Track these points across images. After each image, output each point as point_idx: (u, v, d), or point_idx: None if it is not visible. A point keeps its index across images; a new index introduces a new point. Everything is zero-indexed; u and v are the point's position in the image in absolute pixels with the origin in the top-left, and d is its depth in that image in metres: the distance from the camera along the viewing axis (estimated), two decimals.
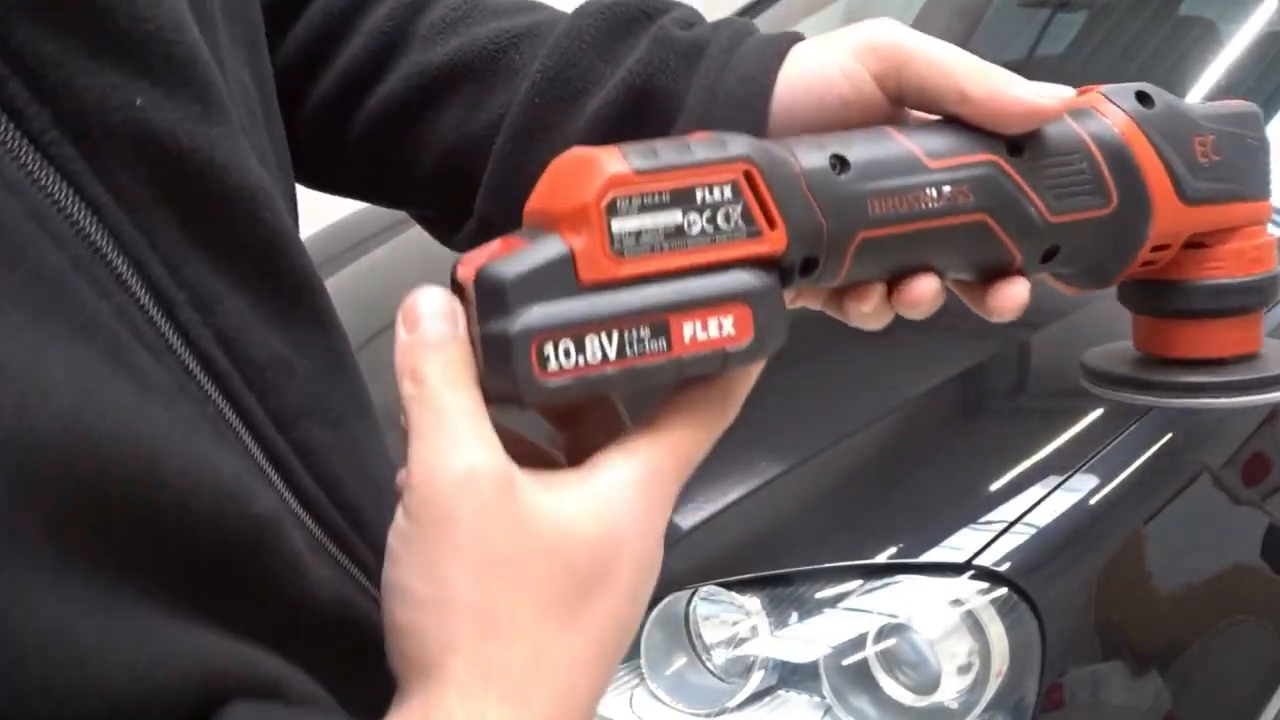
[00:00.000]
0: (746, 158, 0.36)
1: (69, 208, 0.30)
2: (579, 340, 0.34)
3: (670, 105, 0.46)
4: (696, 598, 1.11)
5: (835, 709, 1.03)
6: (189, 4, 0.34)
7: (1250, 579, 1.26)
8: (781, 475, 1.18)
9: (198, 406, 0.33)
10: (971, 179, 0.39)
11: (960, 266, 0.42)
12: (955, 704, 1.01)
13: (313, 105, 0.53)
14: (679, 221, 0.35)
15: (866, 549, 1.08)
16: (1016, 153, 0.40)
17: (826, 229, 0.37)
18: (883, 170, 0.38)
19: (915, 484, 1.15)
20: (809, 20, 2.57)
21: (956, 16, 2.53)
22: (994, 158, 0.40)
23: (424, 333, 0.34)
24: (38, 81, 0.29)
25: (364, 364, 0.41)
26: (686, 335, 0.35)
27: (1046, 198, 0.40)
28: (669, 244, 0.35)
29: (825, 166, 0.38)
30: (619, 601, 0.36)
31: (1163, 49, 2.01)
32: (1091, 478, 1.12)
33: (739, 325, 0.36)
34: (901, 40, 0.42)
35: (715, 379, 0.38)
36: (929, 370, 1.30)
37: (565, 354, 0.34)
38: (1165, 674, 1.13)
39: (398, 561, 0.34)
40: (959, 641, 1.02)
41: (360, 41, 0.51)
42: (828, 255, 0.38)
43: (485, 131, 0.49)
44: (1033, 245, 0.41)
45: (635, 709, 1.08)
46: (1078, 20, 2.22)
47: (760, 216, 0.36)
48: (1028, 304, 0.42)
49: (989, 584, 1.04)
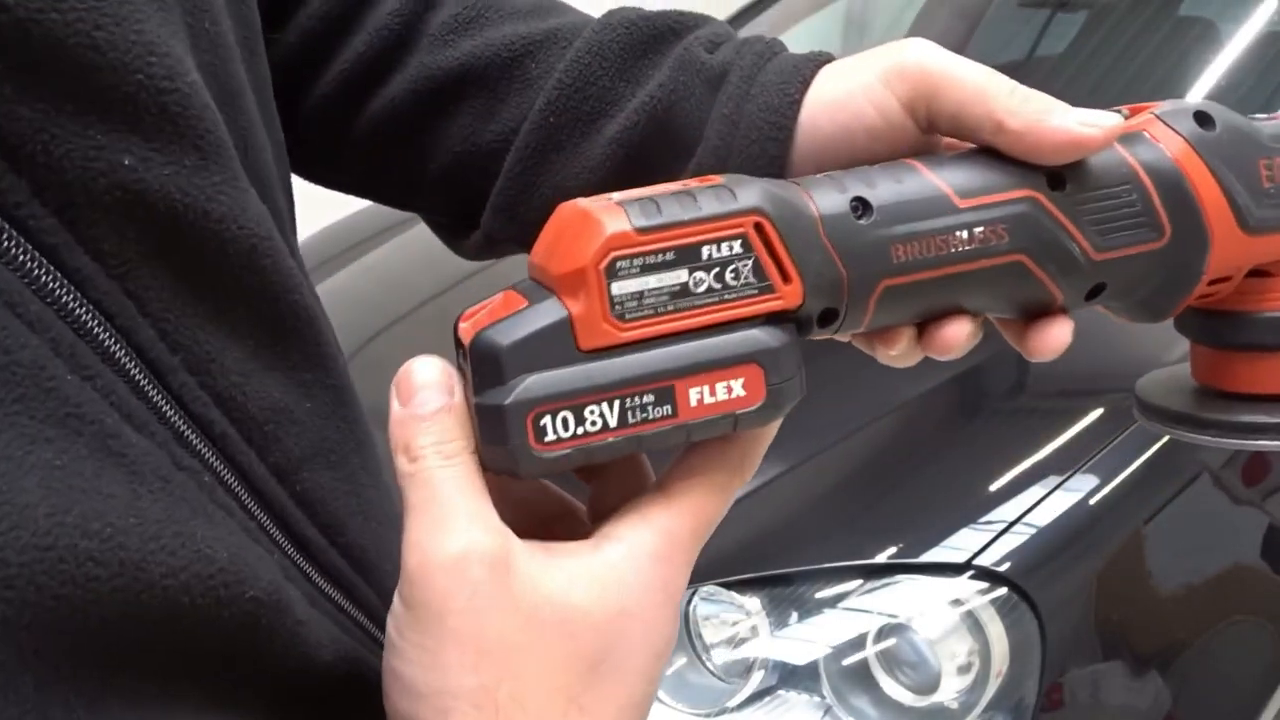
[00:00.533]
0: (757, 209, 0.33)
1: (48, 284, 0.28)
2: (578, 410, 0.32)
3: (690, 134, 0.43)
4: (696, 598, 1.11)
5: (835, 709, 1.03)
6: (190, 31, 0.32)
7: (1250, 579, 1.26)
8: (781, 475, 1.18)
9: (193, 478, 0.31)
10: (1007, 218, 0.36)
11: (996, 307, 0.39)
12: (955, 704, 1.01)
13: (315, 101, 0.50)
14: (684, 281, 0.33)
15: (866, 549, 1.08)
16: (1058, 186, 0.36)
17: (847, 279, 0.35)
18: (908, 213, 0.35)
19: (915, 484, 1.15)
20: (809, 20, 2.58)
21: (956, 16, 2.53)
22: (1033, 193, 0.36)
23: (417, 405, 0.33)
24: (13, 151, 0.27)
25: (364, 364, 0.41)
26: (693, 400, 0.33)
27: (1090, 234, 0.37)
28: (674, 305, 0.33)
29: (845, 211, 0.35)
30: (631, 680, 0.34)
31: (1163, 49, 2.01)
32: (1091, 478, 1.12)
33: (750, 387, 0.34)
34: (932, 64, 0.38)
35: (730, 439, 0.36)
36: (929, 370, 1.30)
37: (563, 424, 0.32)
38: (1165, 674, 1.13)
39: (394, 650, 0.33)
40: (959, 641, 1.02)
41: (365, 38, 0.49)
42: (849, 305, 0.35)
43: (496, 144, 0.47)
44: (1076, 284, 0.38)
45: None
46: (1078, 20, 2.22)
47: (773, 270, 0.34)
48: (1070, 343, 0.40)
49: (989, 584, 1.04)
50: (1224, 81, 1.87)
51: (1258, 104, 1.77)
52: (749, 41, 0.46)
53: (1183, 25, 2.03)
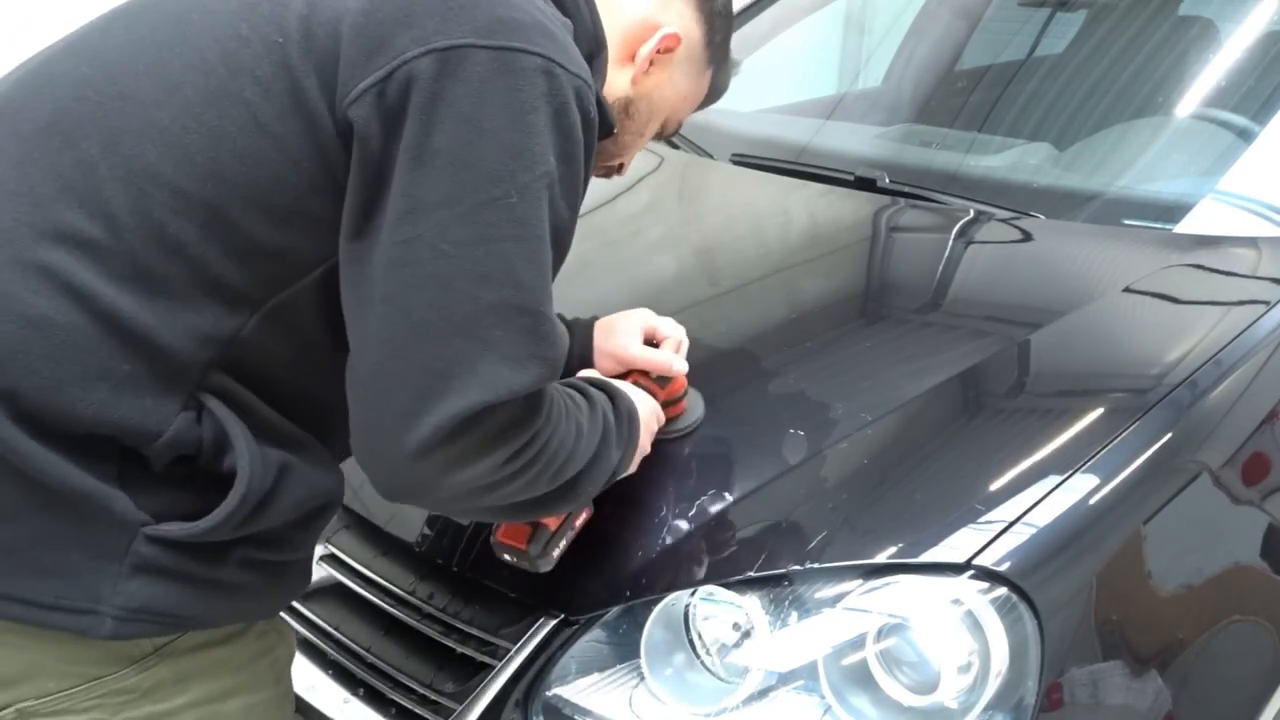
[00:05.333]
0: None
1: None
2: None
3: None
4: (696, 598, 1.11)
5: (835, 709, 1.03)
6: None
7: (1250, 579, 1.26)
8: (782, 475, 1.18)
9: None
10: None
11: None
12: (955, 704, 1.01)
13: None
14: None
15: (866, 549, 1.08)
16: None
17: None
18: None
19: (915, 484, 1.15)
20: (809, 20, 2.57)
21: (956, 16, 2.53)
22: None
23: None
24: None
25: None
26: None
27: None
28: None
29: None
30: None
31: (1162, 49, 2.01)
32: (1091, 478, 1.12)
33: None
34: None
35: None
36: (929, 370, 1.30)
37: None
38: (1165, 674, 1.13)
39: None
40: (958, 641, 1.02)
41: None
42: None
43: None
44: None
45: (635, 709, 1.08)
46: (1077, 20, 2.22)
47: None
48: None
49: (989, 584, 1.04)
50: (1224, 81, 1.87)
51: (1258, 104, 1.77)
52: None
53: (1182, 25, 2.03)
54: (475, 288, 0.81)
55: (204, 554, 0.88)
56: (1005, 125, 2.04)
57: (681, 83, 1.14)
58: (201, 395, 0.86)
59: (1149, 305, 1.42)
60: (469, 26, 0.82)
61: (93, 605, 0.85)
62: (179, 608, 0.88)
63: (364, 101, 0.82)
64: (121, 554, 0.85)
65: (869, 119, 2.35)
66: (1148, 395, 1.22)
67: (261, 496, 0.88)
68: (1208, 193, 1.67)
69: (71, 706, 0.88)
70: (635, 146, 1.17)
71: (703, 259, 1.79)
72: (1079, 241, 1.61)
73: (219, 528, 0.86)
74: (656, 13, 1.08)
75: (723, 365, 1.40)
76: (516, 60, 0.83)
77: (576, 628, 1.12)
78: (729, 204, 1.96)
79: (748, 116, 2.32)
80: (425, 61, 0.81)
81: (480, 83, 0.81)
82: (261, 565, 0.93)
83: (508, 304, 0.82)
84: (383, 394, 0.82)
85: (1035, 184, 1.80)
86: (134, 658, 0.89)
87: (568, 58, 0.87)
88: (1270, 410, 1.28)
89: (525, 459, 0.87)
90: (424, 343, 0.81)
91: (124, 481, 0.84)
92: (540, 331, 0.84)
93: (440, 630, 1.19)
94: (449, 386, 0.80)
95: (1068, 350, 1.35)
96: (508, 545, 1.10)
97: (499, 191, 0.81)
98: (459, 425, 0.80)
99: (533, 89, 0.83)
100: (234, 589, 0.91)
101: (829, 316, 1.54)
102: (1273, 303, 1.37)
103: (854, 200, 1.83)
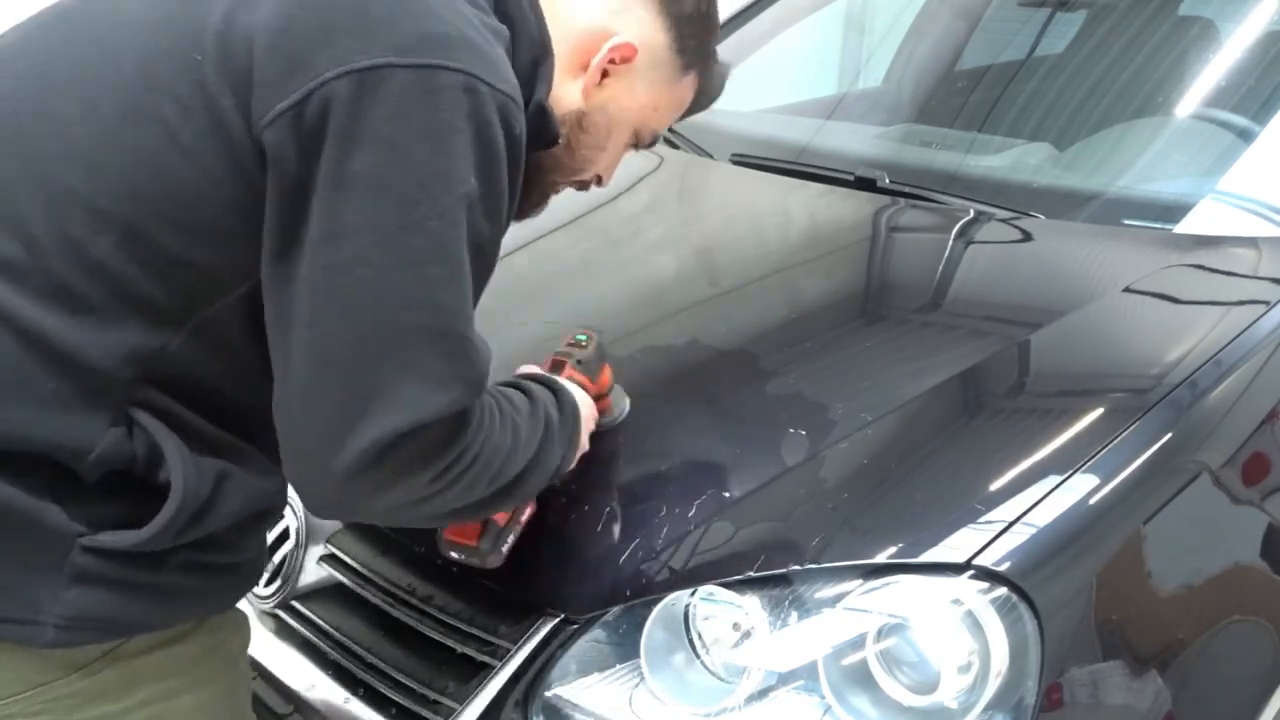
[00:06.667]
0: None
1: None
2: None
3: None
4: (696, 597, 1.11)
5: (835, 709, 1.03)
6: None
7: (1250, 579, 1.26)
8: (782, 475, 1.18)
9: None
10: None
11: None
12: (955, 704, 1.01)
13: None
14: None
15: (866, 549, 1.08)
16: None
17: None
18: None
19: (915, 484, 1.15)
20: (809, 20, 2.57)
21: (956, 16, 2.53)
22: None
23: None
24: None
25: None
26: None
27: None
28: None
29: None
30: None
31: (1162, 49, 2.01)
32: (1091, 478, 1.12)
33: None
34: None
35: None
36: (929, 370, 1.30)
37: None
38: (1165, 674, 1.13)
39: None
40: (958, 641, 1.02)
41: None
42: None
43: None
44: None
45: (635, 708, 1.08)
46: (1077, 20, 2.22)
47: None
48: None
49: (989, 584, 1.04)
50: (1224, 81, 1.87)
51: (1258, 104, 1.77)
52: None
53: (1182, 25, 2.03)
54: (395, 312, 0.81)
55: (144, 561, 0.88)
56: (1005, 125, 2.04)
57: (645, 93, 1.10)
58: (131, 410, 0.86)
59: (1149, 305, 1.42)
60: (388, 43, 0.81)
61: (33, 616, 0.85)
62: (120, 614, 0.88)
63: (279, 125, 0.80)
64: (59, 565, 0.84)
65: (869, 119, 2.35)
66: (1148, 395, 1.22)
67: (199, 505, 0.88)
68: (1208, 193, 1.67)
69: (21, 711, 0.89)
70: (601, 159, 1.13)
71: (703, 259, 1.79)
72: (1079, 241, 1.61)
73: (157, 538, 0.86)
74: (608, 21, 1.04)
75: (723, 365, 1.40)
76: (436, 78, 0.81)
77: (576, 628, 1.12)
78: (729, 204, 1.96)
79: (748, 116, 2.32)
80: (343, 84, 0.80)
81: (398, 104, 0.80)
82: (206, 568, 0.93)
83: (428, 327, 0.82)
84: (307, 417, 0.83)
85: (1035, 184, 1.80)
86: (80, 664, 0.90)
87: (493, 73, 0.85)
88: (1270, 410, 1.28)
89: (455, 473, 0.87)
90: (345, 366, 0.81)
91: (56, 494, 0.84)
92: (461, 353, 0.84)
93: (440, 630, 1.19)
94: (371, 409, 0.80)
95: (1068, 350, 1.35)
96: (456, 543, 1.11)
97: (418, 215, 0.81)
98: (382, 450, 0.81)
99: (453, 108, 0.82)
100: (178, 592, 0.92)
101: (829, 316, 1.54)
102: (1273, 303, 1.37)
103: (854, 200, 1.83)
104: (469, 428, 0.87)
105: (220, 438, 0.91)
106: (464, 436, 0.86)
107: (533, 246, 1.72)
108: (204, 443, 0.89)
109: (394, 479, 0.83)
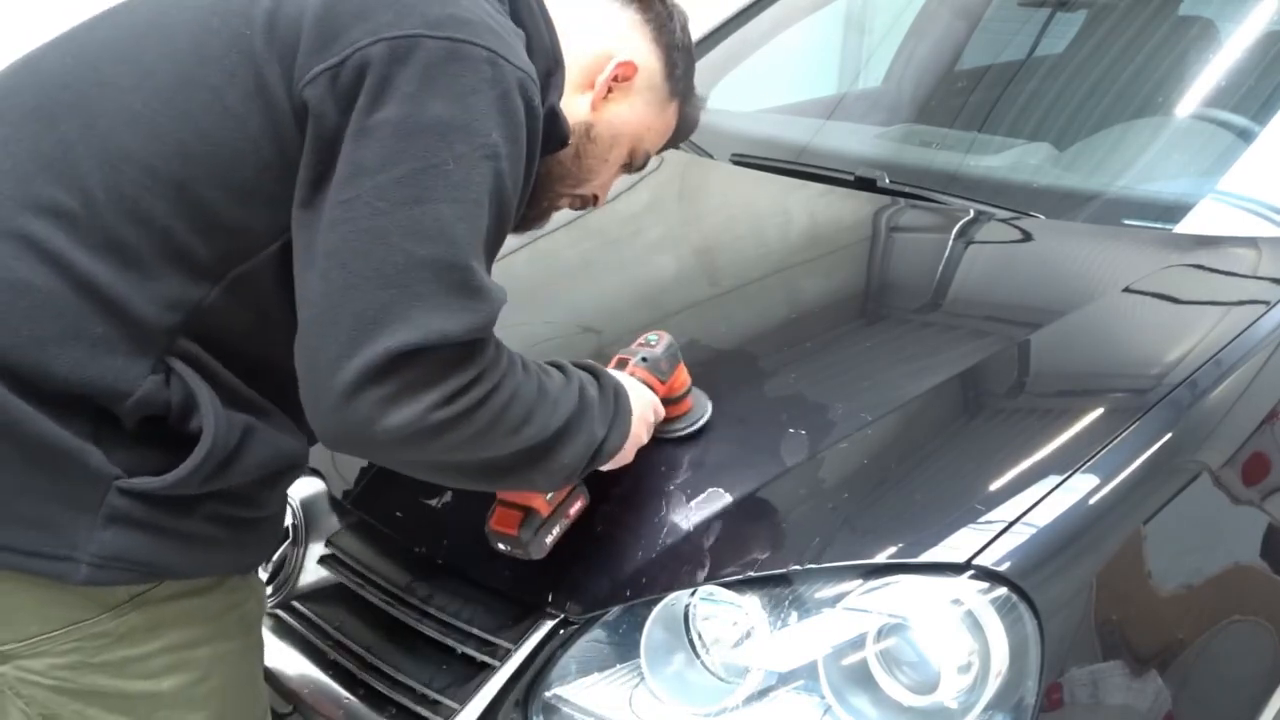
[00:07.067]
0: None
1: None
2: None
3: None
4: (696, 597, 1.11)
5: (835, 709, 1.03)
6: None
7: (1250, 579, 1.26)
8: (782, 475, 1.18)
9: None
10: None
11: None
12: (955, 704, 1.01)
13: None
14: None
15: (866, 549, 1.08)
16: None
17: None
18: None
19: (915, 484, 1.15)
20: (809, 20, 2.57)
21: (956, 16, 2.53)
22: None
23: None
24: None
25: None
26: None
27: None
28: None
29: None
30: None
31: (1162, 49, 2.01)
32: (1091, 478, 1.12)
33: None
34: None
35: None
36: (929, 370, 1.30)
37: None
38: (1165, 674, 1.13)
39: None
40: (958, 641, 1.02)
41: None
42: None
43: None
44: None
45: (635, 708, 1.08)
46: (1077, 20, 2.22)
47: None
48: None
49: (989, 584, 1.04)
50: (1224, 81, 1.87)
51: (1258, 104, 1.77)
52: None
53: (1182, 25, 2.03)
54: (409, 243, 0.86)
55: (174, 507, 0.94)
56: (1005, 125, 2.04)
57: (643, 111, 1.19)
58: (169, 360, 0.93)
59: (1149, 305, 1.42)
60: (419, 20, 0.90)
61: (69, 553, 0.91)
62: (150, 556, 0.94)
63: (319, 83, 0.89)
64: (96, 505, 0.91)
65: (869, 119, 2.35)
66: (1148, 395, 1.22)
67: (226, 454, 0.94)
68: (1208, 193, 1.67)
69: (51, 649, 0.96)
70: (603, 174, 1.21)
71: (703, 259, 1.79)
72: (1079, 241, 1.61)
73: (185, 481, 0.92)
74: (612, 45, 1.15)
75: (723, 365, 1.40)
76: (462, 50, 0.90)
77: (576, 628, 1.12)
78: (729, 204, 1.96)
79: (748, 116, 2.32)
80: (378, 49, 0.89)
81: (427, 67, 0.89)
82: (229, 520, 0.99)
83: (441, 259, 0.87)
84: (318, 342, 0.87)
85: (1035, 184, 1.80)
86: (109, 604, 0.96)
87: (513, 54, 0.94)
88: (1270, 410, 1.28)
89: (464, 404, 0.89)
90: (358, 293, 0.86)
91: (98, 438, 0.91)
92: (473, 285, 0.89)
93: (440, 630, 1.19)
94: (380, 331, 0.85)
95: (1068, 350, 1.35)
96: (499, 532, 1.11)
97: (436, 159, 0.88)
98: (387, 363, 0.84)
99: (476, 75, 0.90)
100: (203, 541, 0.98)
101: (829, 316, 1.54)
102: (1273, 303, 1.37)
103: (854, 200, 1.83)
104: (480, 356, 0.90)
105: (250, 395, 0.98)
106: (476, 363, 0.90)
107: (533, 247, 1.72)
108: (235, 398, 0.96)
109: (396, 398, 0.86)
